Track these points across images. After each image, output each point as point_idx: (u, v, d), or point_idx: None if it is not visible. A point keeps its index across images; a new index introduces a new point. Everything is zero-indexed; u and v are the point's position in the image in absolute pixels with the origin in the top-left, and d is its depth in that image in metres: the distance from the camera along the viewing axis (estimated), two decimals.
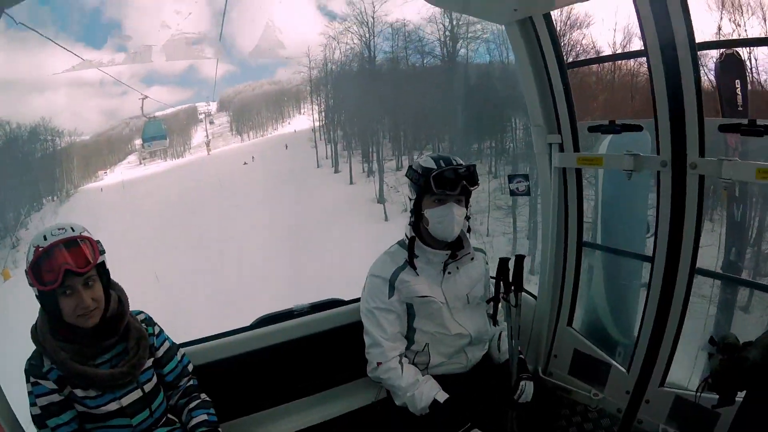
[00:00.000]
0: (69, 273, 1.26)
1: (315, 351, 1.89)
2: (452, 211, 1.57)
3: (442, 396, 1.58)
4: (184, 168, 35.04)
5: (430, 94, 24.25)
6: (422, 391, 1.58)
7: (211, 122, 39.63)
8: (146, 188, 31.61)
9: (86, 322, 1.31)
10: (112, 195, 30.79)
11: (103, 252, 1.36)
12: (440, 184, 1.55)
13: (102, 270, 1.37)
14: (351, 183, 28.85)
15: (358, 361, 1.72)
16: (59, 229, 1.31)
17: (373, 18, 27.78)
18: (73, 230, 1.32)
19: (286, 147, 34.74)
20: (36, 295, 1.32)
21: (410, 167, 1.67)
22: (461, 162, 1.62)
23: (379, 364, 1.63)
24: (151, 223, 25.23)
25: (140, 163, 36.53)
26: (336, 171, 30.76)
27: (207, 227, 24.89)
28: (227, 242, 23.11)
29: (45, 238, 1.28)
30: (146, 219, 25.84)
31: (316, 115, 34.38)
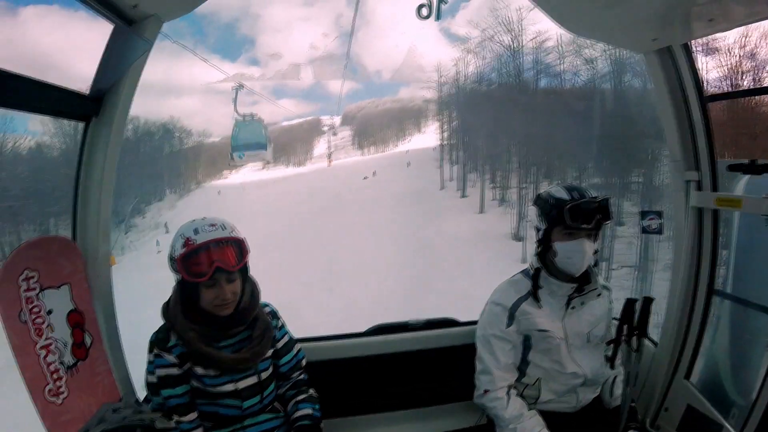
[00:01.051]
0: (219, 270, 1.35)
1: (423, 366, 1.91)
2: (583, 247, 1.51)
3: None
4: (304, 176, 35.87)
5: (582, 117, 20.77)
6: (525, 427, 1.53)
7: (335, 134, 41.80)
8: (265, 192, 31.97)
9: (221, 312, 1.41)
10: (230, 196, 31.27)
11: (248, 251, 1.45)
12: (575, 217, 1.49)
13: (244, 266, 1.44)
14: (481, 212, 25.25)
15: (464, 383, 1.70)
16: (211, 225, 1.39)
17: (521, 25, 23.91)
18: (224, 228, 1.40)
19: (408, 165, 34.09)
20: (177, 281, 1.42)
21: (539, 196, 1.63)
22: (594, 194, 1.55)
23: (486, 391, 1.60)
24: (262, 230, 23.99)
25: (263, 167, 38.81)
26: (463, 195, 27.43)
27: (320, 240, 23.60)
28: (341, 257, 21.65)
29: (196, 232, 1.37)
30: (259, 224, 24.75)
31: (441, 134, 32.38)
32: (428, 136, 37.12)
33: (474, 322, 1.77)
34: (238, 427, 1.49)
